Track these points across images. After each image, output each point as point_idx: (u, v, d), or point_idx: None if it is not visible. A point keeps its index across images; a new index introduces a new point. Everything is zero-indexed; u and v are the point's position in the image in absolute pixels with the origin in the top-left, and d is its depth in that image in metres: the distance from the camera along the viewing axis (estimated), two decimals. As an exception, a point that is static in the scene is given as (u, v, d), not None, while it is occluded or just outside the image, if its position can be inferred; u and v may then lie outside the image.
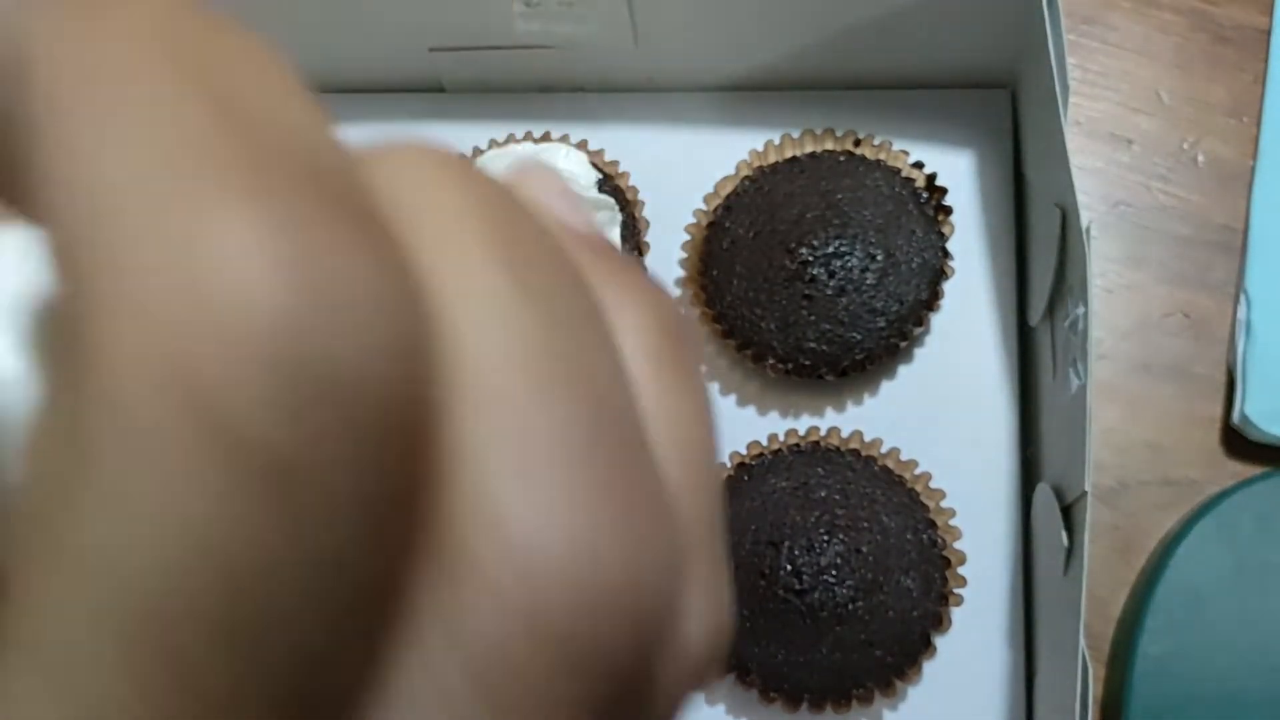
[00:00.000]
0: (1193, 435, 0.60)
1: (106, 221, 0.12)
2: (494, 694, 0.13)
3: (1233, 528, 0.56)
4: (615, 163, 0.63)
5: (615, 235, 0.59)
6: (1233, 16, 0.66)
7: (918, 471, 0.57)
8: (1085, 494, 0.46)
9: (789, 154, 0.62)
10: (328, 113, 0.15)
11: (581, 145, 0.62)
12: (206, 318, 0.11)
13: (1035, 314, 0.57)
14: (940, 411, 0.59)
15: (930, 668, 0.55)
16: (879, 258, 0.57)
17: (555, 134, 0.63)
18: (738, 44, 0.62)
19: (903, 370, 0.60)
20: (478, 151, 0.63)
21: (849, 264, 0.57)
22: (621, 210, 0.60)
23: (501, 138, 0.64)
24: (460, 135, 0.65)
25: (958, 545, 0.55)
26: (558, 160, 0.60)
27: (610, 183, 0.61)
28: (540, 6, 0.59)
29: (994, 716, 0.55)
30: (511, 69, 0.65)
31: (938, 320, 0.60)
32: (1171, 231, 0.63)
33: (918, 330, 0.58)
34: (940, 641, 0.55)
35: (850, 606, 0.52)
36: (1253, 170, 0.64)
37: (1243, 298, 0.61)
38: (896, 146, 0.61)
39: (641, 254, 0.60)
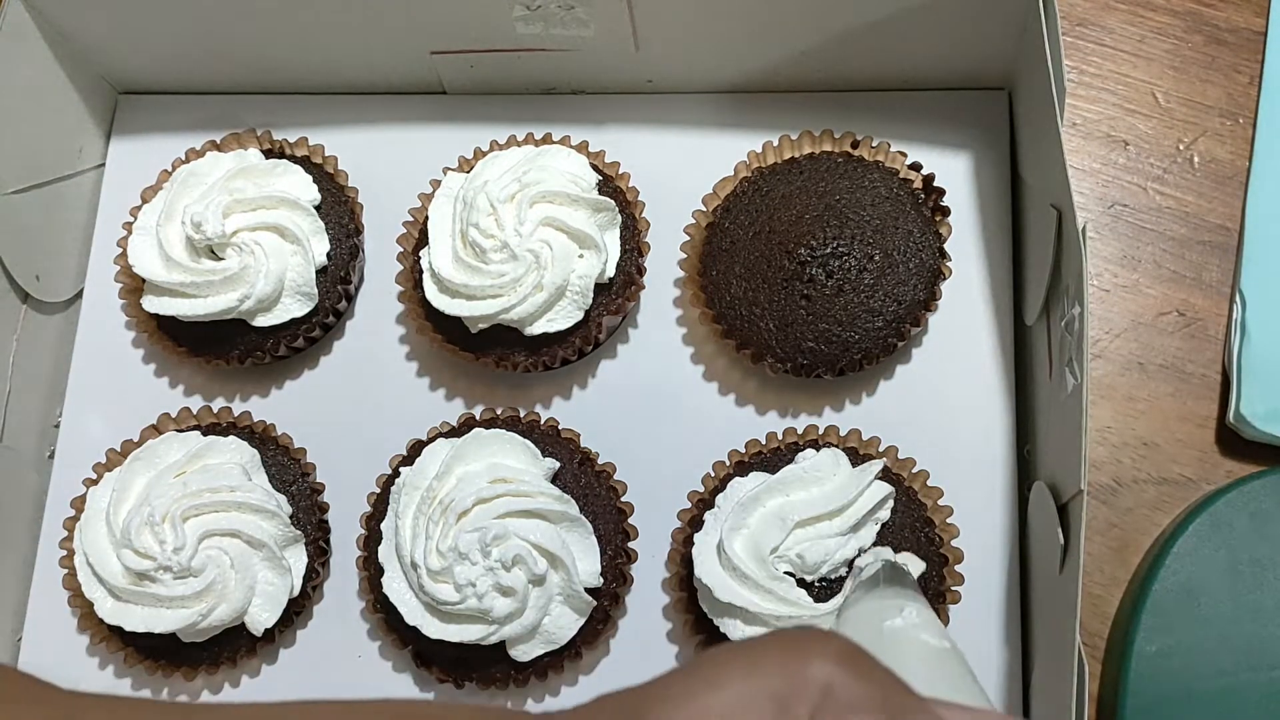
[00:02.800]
0: (1188, 434, 0.60)
1: None
2: None
3: (1227, 526, 0.56)
4: (616, 164, 0.63)
5: (615, 236, 0.60)
6: (1228, 19, 0.67)
7: (915, 470, 0.57)
8: (1081, 492, 0.47)
9: (787, 155, 0.62)
10: None
11: (582, 147, 0.63)
12: None
13: (1032, 314, 0.57)
14: (937, 410, 0.60)
15: (928, 664, 0.56)
16: (877, 258, 0.57)
17: (556, 136, 0.63)
18: (737, 47, 0.62)
19: (900, 369, 0.61)
20: (479, 153, 0.64)
21: (847, 264, 0.57)
22: (622, 211, 0.60)
23: (503, 140, 0.64)
24: (461, 137, 0.65)
25: (955, 543, 0.56)
26: (558, 162, 0.60)
27: (610, 184, 0.62)
28: (541, 10, 0.59)
29: (991, 713, 0.55)
30: (512, 72, 0.65)
31: (935, 320, 0.61)
32: (1167, 232, 0.64)
33: (915, 330, 0.59)
34: (938, 638, 0.55)
35: (848, 604, 0.53)
36: (1248, 171, 0.64)
37: (1238, 298, 0.61)
38: (894, 148, 0.61)
39: (641, 254, 0.61)
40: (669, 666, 0.57)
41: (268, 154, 0.64)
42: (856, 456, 0.56)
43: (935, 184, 0.60)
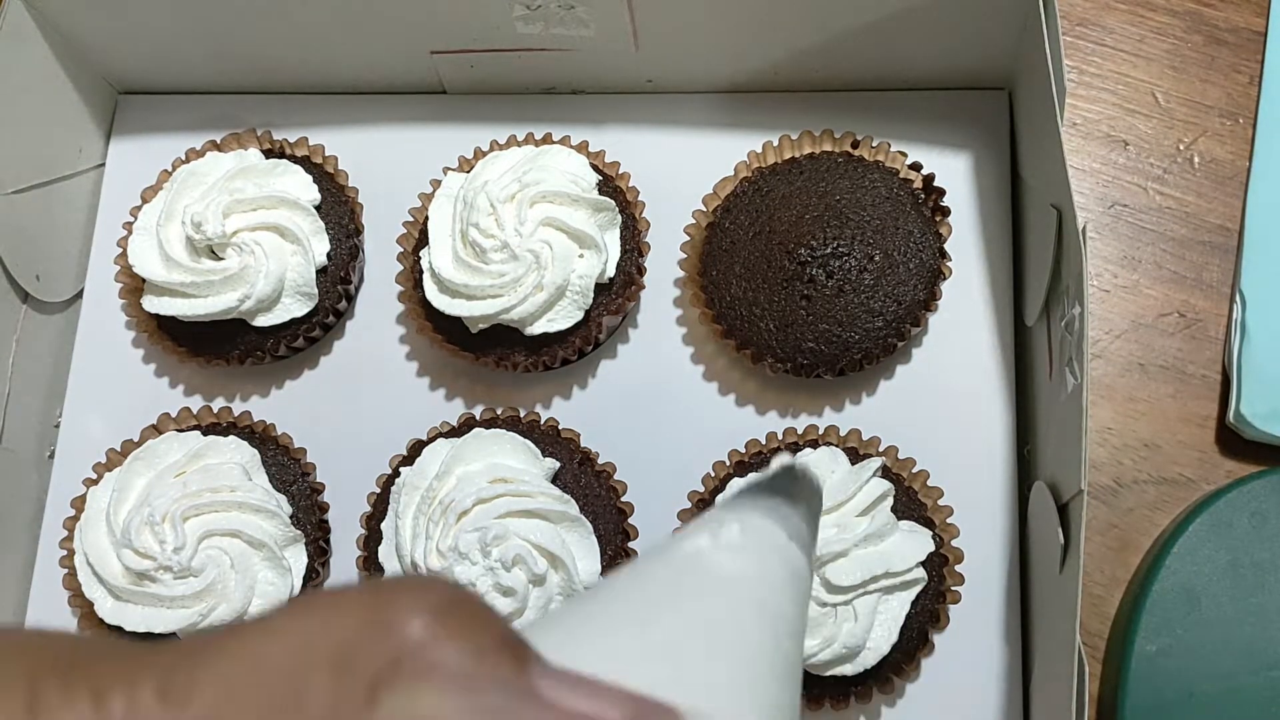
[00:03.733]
0: (1188, 434, 0.60)
1: None
2: None
3: (1228, 526, 0.56)
4: (616, 164, 0.63)
5: (615, 236, 0.60)
6: (1228, 19, 0.67)
7: (915, 470, 0.57)
8: (1081, 492, 0.47)
9: (788, 155, 0.62)
10: None
11: (582, 147, 0.63)
12: None
13: (1032, 314, 0.57)
14: (937, 411, 0.60)
15: (928, 664, 0.56)
16: (877, 258, 0.57)
17: (556, 136, 0.63)
18: (737, 46, 0.62)
19: (900, 370, 0.61)
20: (479, 153, 0.64)
21: (847, 264, 0.57)
22: (622, 211, 0.60)
23: (503, 140, 0.64)
24: (461, 137, 0.65)
25: (955, 543, 0.56)
26: (558, 162, 0.60)
27: (611, 184, 0.62)
28: (541, 10, 0.59)
29: (991, 713, 0.56)
30: (512, 72, 0.65)
31: (935, 320, 0.61)
32: (1167, 232, 0.64)
33: (915, 330, 0.59)
34: (938, 639, 0.55)
35: (848, 604, 0.53)
36: (1248, 171, 0.64)
37: (1238, 298, 0.61)
38: (894, 148, 0.61)
39: (642, 254, 0.61)
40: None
41: (268, 154, 0.64)
42: (856, 456, 0.56)
43: (935, 184, 0.60)
